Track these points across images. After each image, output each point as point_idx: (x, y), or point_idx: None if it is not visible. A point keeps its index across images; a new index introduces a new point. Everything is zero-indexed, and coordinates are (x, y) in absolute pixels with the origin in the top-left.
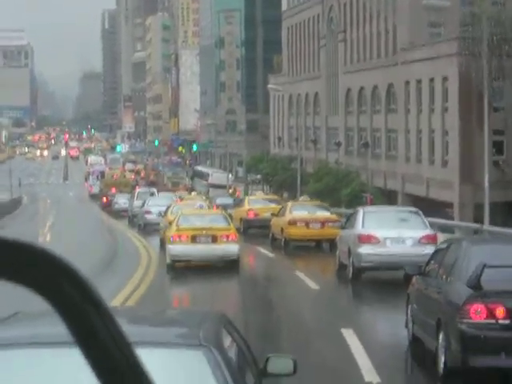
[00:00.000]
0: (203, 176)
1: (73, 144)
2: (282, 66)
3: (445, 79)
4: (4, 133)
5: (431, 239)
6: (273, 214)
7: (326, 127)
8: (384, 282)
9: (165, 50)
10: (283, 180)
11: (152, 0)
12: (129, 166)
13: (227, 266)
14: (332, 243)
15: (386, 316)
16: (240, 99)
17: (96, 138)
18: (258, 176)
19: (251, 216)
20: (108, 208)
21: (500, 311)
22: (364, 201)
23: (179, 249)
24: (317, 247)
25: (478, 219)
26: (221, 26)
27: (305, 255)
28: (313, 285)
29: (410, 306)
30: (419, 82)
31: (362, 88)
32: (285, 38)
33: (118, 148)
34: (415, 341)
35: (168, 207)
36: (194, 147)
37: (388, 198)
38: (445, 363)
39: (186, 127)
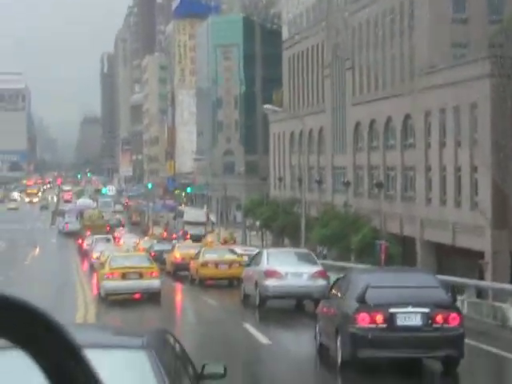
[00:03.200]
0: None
1: (67, 188)
2: (282, 101)
3: (473, 106)
4: None
5: (322, 274)
6: (191, 258)
7: (332, 166)
8: (281, 308)
9: (162, 91)
10: (284, 225)
11: (150, 41)
12: (118, 207)
13: (151, 298)
14: (239, 280)
15: (296, 332)
16: (238, 139)
17: (93, 181)
18: (257, 223)
19: (178, 260)
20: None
21: (379, 318)
22: (377, 249)
23: (112, 285)
24: (229, 285)
25: None
26: (218, 61)
27: (215, 289)
28: (215, 304)
29: (318, 323)
30: (442, 111)
31: (373, 121)
32: (285, 70)
33: (104, 190)
34: (321, 347)
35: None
36: (188, 190)
37: (404, 245)
38: (341, 357)
39: (183, 169)
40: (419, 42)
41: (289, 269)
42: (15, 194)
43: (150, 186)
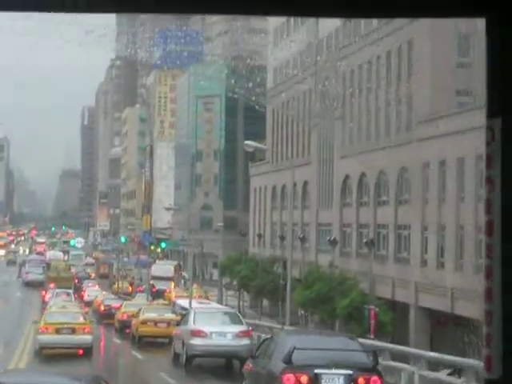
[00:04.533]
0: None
1: (41, 240)
2: (264, 153)
3: (479, 158)
4: None
5: (246, 333)
6: (132, 316)
7: (317, 223)
8: (211, 366)
9: (141, 144)
10: (263, 285)
11: (131, 93)
12: (89, 260)
13: (84, 353)
14: None
15: None
16: (217, 194)
17: (69, 234)
18: (234, 282)
19: (124, 317)
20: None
21: (304, 379)
22: (366, 315)
23: (46, 338)
24: (169, 343)
25: None
26: (199, 113)
27: (151, 347)
28: (143, 359)
29: (244, 382)
30: (442, 163)
31: (362, 174)
32: (269, 121)
33: (72, 242)
34: None
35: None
36: (163, 245)
37: (395, 311)
38: None
39: (160, 225)
40: (419, 89)
41: (214, 328)
42: None
43: (123, 239)
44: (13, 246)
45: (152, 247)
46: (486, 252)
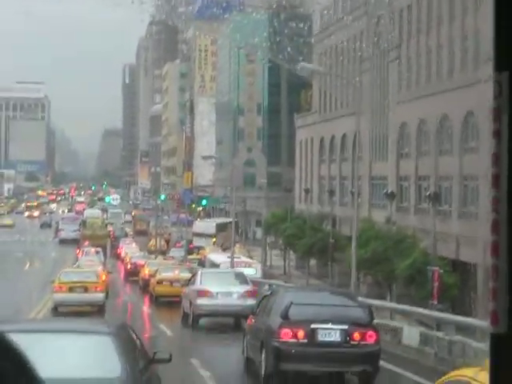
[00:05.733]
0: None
1: (81, 199)
2: (310, 103)
3: None
4: (7, 186)
5: (252, 293)
6: (150, 275)
7: (370, 176)
8: (222, 324)
9: (182, 99)
10: (311, 244)
11: (171, 49)
12: (127, 218)
13: (96, 310)
14: None
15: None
16: (261, 149)
17: (111, 192)
18: (279, 241)
19: (146, 277)
20: None
21: (300, 333)
22: (430, 277)
23: (60, 297)
24: None
25: None
26: (241, 64)
27: (165, 306)
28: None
29: (245, 338)
30: None
31: (422, 121)
32: (316, 66)
33: (107, 199)
34: (248, 361)
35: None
36: (203, 202)
37: (462, 273)
38: (265, 369)
39: (201, 182)
40: (486, 22)
41: (220, 288)
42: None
43: (162, 197)
44: (51, 205)
45: (193, 205)
46: (492, 206)
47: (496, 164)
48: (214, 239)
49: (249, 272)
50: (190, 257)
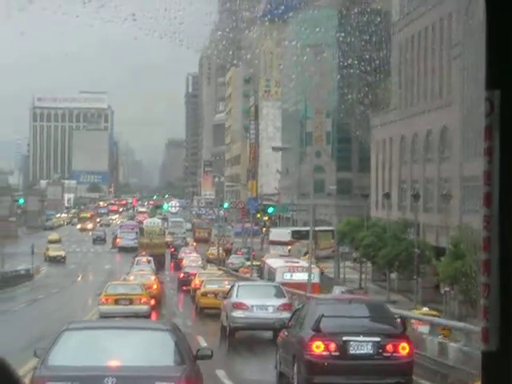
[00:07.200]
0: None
1: (142, 209)
2: (389, 99)
3: None
4: (67, 196)
5: (287, 306)
6: (196, 289)
7: (461, 177)
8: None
9: (245, 106)
10: (394, 255)
11: (235, 56)
12: (188, 226)
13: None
14: None
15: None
16: (330, 154)
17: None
18: (354, 254)
19: (197, 286)
20: None
21: (332, 346)
22: None
23: (105, 309)
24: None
25: None
26: (308, 64)
27: (207, 318)
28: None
29: (278, 352)
30: None
31: None
32: (395, 59)
33: (165, 206)
34: (281, 376)
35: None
36: (270, 210)
37: None
38: (297, 383)
39: (267, 190)
40: None
41: (255, 301)
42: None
43: (226, 205)
44: (111, 216)
45: (258, 215)
46: (483, 224)
47: (487, 182)
48: (290, 247)
49: (306, 277)
50: (250, 263)
